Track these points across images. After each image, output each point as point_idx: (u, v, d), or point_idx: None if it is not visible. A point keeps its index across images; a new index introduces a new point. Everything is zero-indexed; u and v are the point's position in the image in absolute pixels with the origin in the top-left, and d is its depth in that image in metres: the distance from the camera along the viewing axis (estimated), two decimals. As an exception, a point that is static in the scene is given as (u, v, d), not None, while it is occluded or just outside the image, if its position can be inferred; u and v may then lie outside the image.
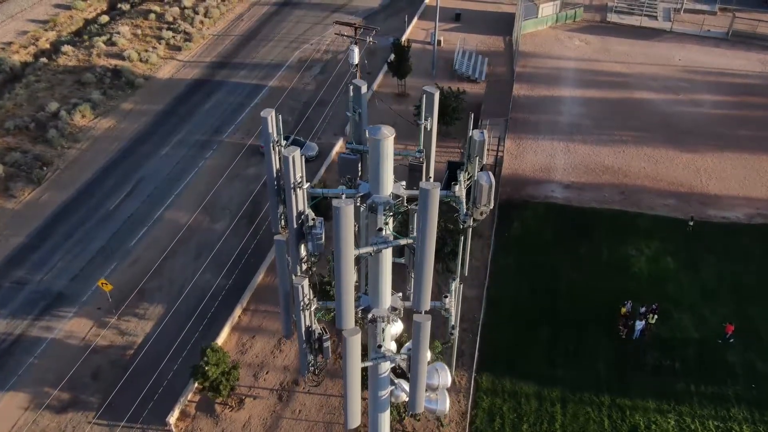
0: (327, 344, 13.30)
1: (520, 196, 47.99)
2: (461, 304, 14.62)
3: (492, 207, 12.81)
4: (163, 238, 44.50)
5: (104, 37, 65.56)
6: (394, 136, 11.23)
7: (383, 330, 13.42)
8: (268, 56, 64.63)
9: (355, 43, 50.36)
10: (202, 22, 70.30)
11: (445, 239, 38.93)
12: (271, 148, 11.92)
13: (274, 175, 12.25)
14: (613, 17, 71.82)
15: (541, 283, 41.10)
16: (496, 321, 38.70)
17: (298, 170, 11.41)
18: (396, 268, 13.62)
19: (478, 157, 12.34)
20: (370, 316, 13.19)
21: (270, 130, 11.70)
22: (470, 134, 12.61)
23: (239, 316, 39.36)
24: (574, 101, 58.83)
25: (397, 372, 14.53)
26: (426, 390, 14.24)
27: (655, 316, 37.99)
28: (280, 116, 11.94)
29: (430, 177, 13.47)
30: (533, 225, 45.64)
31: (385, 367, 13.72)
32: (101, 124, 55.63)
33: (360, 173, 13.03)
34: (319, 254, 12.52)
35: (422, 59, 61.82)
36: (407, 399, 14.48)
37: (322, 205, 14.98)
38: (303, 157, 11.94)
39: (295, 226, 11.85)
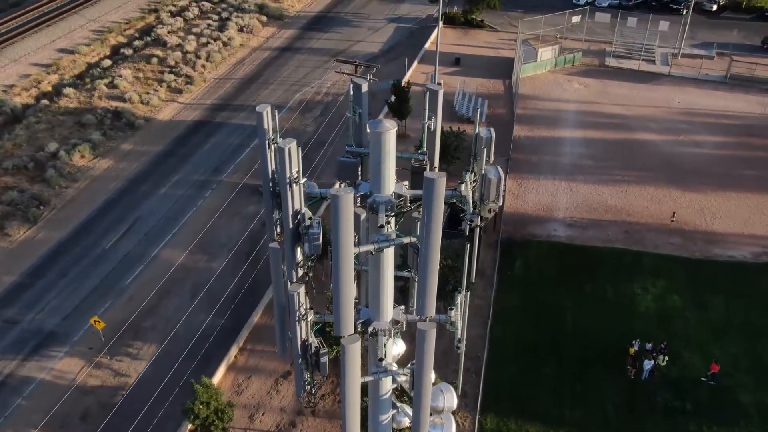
0: (324, 359, 12.41)
1: (522, 235, 47.30)
2: (468, 315, 13.76)
3: (501, 204, 12.12)
4: (158, 277, 43.63)
5: (106, 80, 65.90)
6: (396, 129, 10.63)
7: (384, 345, 12.54)
8: (268, 98, 64.82)
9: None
10: (203, 66, 70.80)
11: (446, 277, 38.03)
12: (267, 146, 11.30)
13: (270, 176, 11.60)
14: (611, 61, 72.38)
15: (545, 322, 40.07)
16: (500, 360, 37.52)
17: (294, 164, 10.77)
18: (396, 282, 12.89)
19: (485, 152, 11.70)
20: (370, 329, 12.35)
21: (265, 126, 11.10)
22: (476, 131, 12.02)
23: (235, 356, 38.18)
24: (574, 142, 58.70)
25: (399, 394, 13.59)
26: (430, 413, 13.28)
27: (666, 358, 36.80)
28: (276, 111, 11.36)
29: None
30: (536, 263, 44.83)
31: (387, 384, 12.80)
32: (100, 164, 55.34)
33: (360, 178, 12.38)
34: (316, 258, 11.76)
35: (422, 101, 61.67)
36: (410, 424, 13.51)
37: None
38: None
39: (291, 226, 11.13)
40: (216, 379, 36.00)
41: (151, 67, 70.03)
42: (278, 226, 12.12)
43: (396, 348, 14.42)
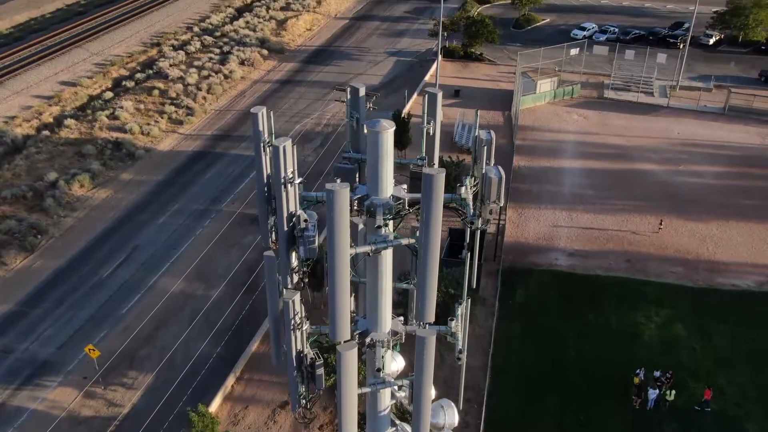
0: (320, 371, 11.94)
1: (523, 264, 46.86)
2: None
3: (502, 204, 11.79)
4: (156, 306, 43.10)
5: (107, 111, 66.17)
6: (394, 128, 10.37)
7: (382, 357, 12.10)
8: (269, 129, 64.93)
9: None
10: (204, 98, 71.19)
11: (447, 305, 37.49)
12: (262, 148, 11.03)
13: (265, 180, 11.31)
14: (610, 93, 72.77)
15: (548, 351, 39.40)
16: (502, 390, 36.76)
17: (289, 164, 10.49)
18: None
19: (485, 154, 11.42)
20: (368, 340, 11.92)
21: (260, 128, 10.84)
22: (476, 133, 11.77)
23: (232, 386, 37.43)
24: (574, 172, 58.61)
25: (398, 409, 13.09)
26: (430, 430, 12.77)
27: (673, 391, 35.98)
28: (272, 113, 11.12)
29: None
30: (538, 292, 44.32)
31: (386, 397, 12.30)
32: (99, 194, 55.18)
33: (357, 184, 12.09)
34: (311, 262, 11.40)
35: (422, 132, 61.93)
36: (410, 443, 12.97)
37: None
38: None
39: (286, 228, 10.79)
40: (212, 408, 35.21)
41: (153, 98, 70.41)
42: (273, 233, 11.79)
43: (395, 364, 13.98)
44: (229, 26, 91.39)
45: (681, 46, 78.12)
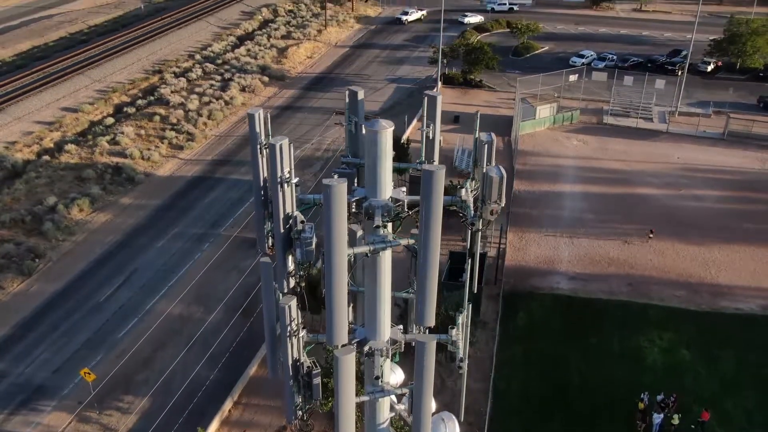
0: (317, 380, 11.58)
1: (524, 287, 46.47)
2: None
3: (503, 205, 11.55)
4: (153, 330, 42.62)
5: (108, 137, 66.29)
6: (392, 128, 10.18)
7: (381, 366, 11.74)
8: (269, 154, 64.99)
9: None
10: (205, 124, 71.41)
11: (446, 328, 37.03)
12: (258, 150, 10.83)
13: (261, 183, 11.09)
14: (609, 119, 72.98)
15: (550, 375, 38.83)
16: (503, 415, 36.13)
17: (286, 163, 10.28)
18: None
19: (486, 156, 11.22)
20: (366, 348, 11.58)
21: (257, 130, 10.66)
22: (476, 135, 11.58)
23: (229, 410, 36.79)
24: (575, 196, 58.48)
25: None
26: (431, 444, 12.36)
27: (678, 415, 35.33)
28: (269, 114, 10.96)
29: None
30: (539, 315, 43.86)
31: (384, 408, 11.92)
32: (98, 218, 54.98)
33: (356, 187, 11.86)
34: (309, 265, 11.12)
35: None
36: (410, 458, 12.55)
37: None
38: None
39: (282, 230, 10.53)
40: (209, 433, 34.58)
41: (153, 124, 70.61)
42: (269, 239, 11.54)
43: (394, 377, 13.61)
44: (230, 54, 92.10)
45: (679, 73, 78.67)
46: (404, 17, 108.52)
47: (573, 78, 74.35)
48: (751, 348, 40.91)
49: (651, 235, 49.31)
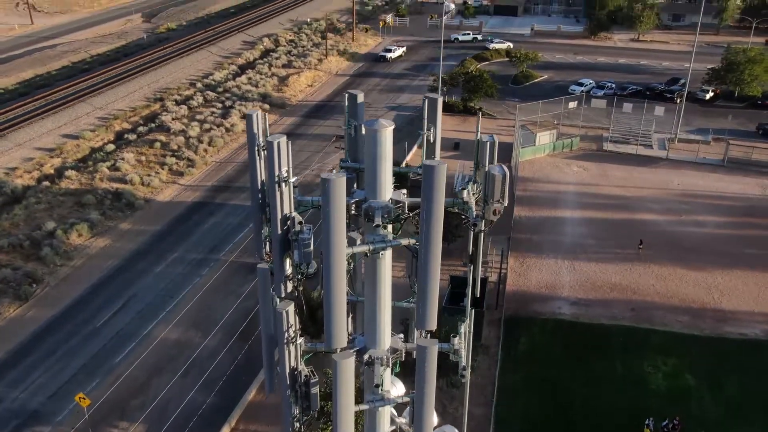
0: (315, 390, 11.24)
1: (526, 313, 46.02)
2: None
3: (507, 204, 11.32)
4: (150, 355, 42.09)
5: (108, 163, 66.37)
6: (393, 127, 10.02)
7: (381, 375, 11.41)
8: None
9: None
10: (206, 150, 71.54)
11: (446, 353, 36.53)
12: (256, 152, 10.65)
13: (259, 186, 10.89)
14: (609, 146, 73.15)
15: (553, 401, 38.21)
16: (506, 441, 35.45)
17: (284, 162, 10.08)
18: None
19: (488, 157, 11.02)
20: (366, 357, 11.26)
21: (255, 131, 10.50)
22: (478, 137, 11.42)
23: (226, 436, 36.13)
24: (575, 222, 58.29)
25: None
26: (432, 458, 11.96)
27: (684, 439, 34.72)
28: (267, 115, 10.80)
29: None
30: (541, 341, 43.34)
31: (385, 418, 11.55)
32: (97, 243, 54.71)
33: (355, 189, 11.64)
34: (306, 268, 10.83)
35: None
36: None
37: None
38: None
39: (279, 231, 10.29)
40: (205, 460, 33.89)
41: (154, 150, 70.76)
42: (267, 244, 11.29)
43: (395, 390, 13.25)
44: (231, 82, 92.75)
45: (678, 101, 79.08)
46: (388, 54, 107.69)
47: (572, 105, 74.73)
48: (756, 373, 40.35)
49: (641, 246, 49.31)
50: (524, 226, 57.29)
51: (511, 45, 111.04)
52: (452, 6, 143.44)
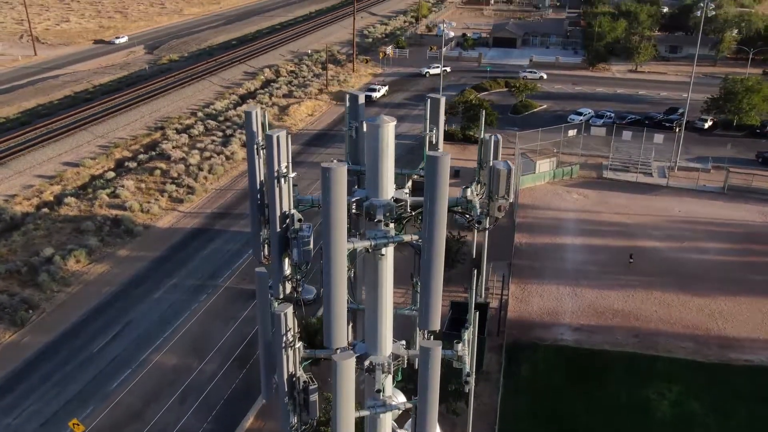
0: (314, 397, 10.85)
1: (528, 339, 45.45)
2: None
3: (511, 200, 11.05)
4: (147, 381, 41.43)
5: (108, 190, 66.28)
6: (395, 123, 9.83)
7: (382, 382, 11.04)
8: (269, 207, 64.78)
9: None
10: (206, 178, 71.52)
11: (447, 377, 35.93)
12: (255, 151, 10.43)
13: (258, 186, 10.66)
14: (609, 174, 73.19)
15: (555, 428, 37.47)
16: (509, 469, 34.66)
17: (284, 157, 9.86)
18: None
19: (492, 155, 10.81)
20: (366, 363, 10.91)
21: (254, 129, 10.31)
22: (482, 136, 11.23)
23: (223, 464, 35.35)
24: (576, 249, 57.97)
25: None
26: (435, 471, 11.51)
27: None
28: (266, 113, 10.62)
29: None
30: (543, 367, 42.70)
31: (386, 425, 11.13)
32: (95, 269, 54.30)
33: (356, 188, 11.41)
34: (305, 268, 10.54)
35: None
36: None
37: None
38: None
39: (278, 229, 10.02)
40: (201, 488, 33.08)
41: (154, 178, 70.74)
42: (265, 247, 11.02)
43: (395, 401, 12.83)
44: (232, 111, 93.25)
45: (677, 130, 79.33)
46: (373, 94, 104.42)
47: (572, 133, 74.96)
48: (762, 400, 39.66)
49: (631, 260, 49.16)
50: (525, 252, 56.96)
51: (545, 76, 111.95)
52: (452, 34, 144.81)
